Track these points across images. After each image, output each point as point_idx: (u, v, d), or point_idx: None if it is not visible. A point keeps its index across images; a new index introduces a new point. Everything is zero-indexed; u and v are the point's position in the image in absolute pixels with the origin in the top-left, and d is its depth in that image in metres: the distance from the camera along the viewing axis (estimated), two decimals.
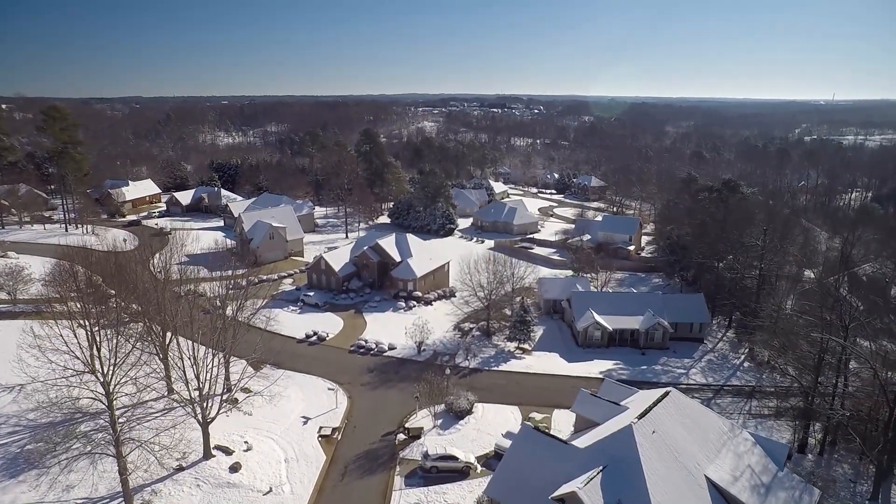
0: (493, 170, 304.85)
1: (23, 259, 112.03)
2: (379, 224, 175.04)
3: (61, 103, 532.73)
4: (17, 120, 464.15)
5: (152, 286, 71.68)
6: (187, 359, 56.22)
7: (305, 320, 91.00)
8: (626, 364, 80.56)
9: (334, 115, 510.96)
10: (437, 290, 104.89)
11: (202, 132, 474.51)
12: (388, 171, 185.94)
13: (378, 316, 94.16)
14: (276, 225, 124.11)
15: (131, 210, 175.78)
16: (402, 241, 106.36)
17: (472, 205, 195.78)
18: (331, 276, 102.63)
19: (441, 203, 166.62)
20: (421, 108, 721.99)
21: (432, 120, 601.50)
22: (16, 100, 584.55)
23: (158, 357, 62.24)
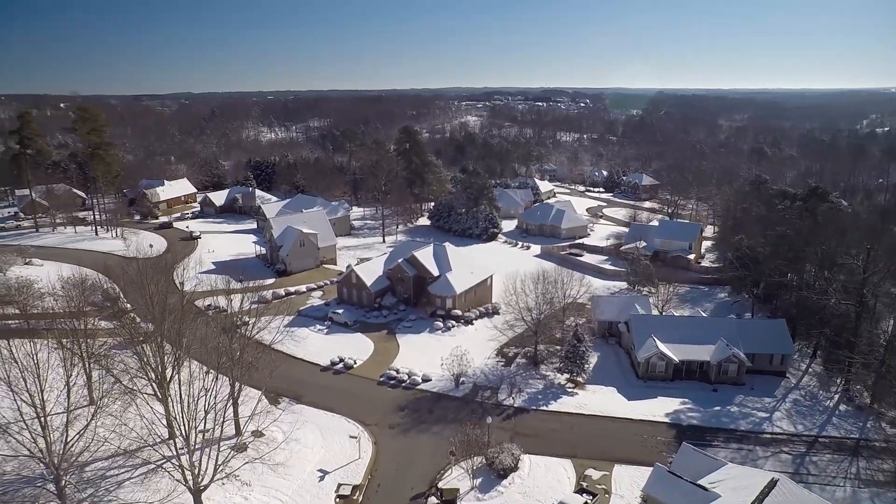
0: (538, 167, 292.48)
1: (46, 266, 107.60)
2: (418, 226, 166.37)
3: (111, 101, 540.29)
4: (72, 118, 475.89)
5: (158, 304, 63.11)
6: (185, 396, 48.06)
7: (332, 343, 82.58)
8: (696, 403, 69.30)
9: (376, 109, 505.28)
10: (478, 307, 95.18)
11: (245, 128, 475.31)
12: (429, 170, 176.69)
13: (412, 339, 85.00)
14: (307, 231, 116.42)
15: (166, 210, 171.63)
16: (440, 254, 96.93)
17: (516, 205, 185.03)
18: (362, 290, 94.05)
19: (484, 205, 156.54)
20: (464, 102, 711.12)
21: (476, 114, 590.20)
22: (72, 98, 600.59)
23: (156, 396, 54.48)
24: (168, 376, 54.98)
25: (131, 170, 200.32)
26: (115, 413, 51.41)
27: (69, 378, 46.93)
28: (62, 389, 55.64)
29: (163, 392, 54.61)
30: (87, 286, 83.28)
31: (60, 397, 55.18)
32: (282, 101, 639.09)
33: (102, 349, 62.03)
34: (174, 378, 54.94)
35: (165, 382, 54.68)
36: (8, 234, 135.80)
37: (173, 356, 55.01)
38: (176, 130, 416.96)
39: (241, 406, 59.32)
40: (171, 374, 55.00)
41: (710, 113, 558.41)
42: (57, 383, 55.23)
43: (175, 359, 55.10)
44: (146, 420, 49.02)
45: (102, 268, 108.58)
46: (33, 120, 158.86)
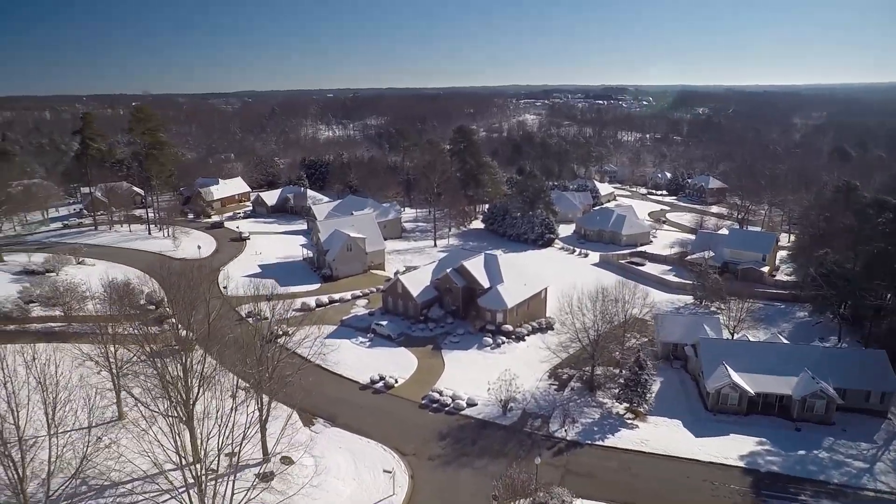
0: (598, 168, 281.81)
1: (98, 266, 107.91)
2: (471, 230, 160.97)
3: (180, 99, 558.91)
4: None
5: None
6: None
7: (373, 358, 78.08)
8: (777, 445, 61.01)
9: (434, 107, 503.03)
10: (531, 321, 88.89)
11: (304, 126, 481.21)
12: (484, 171, 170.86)
13: (459, 356, 79.54)
14: (355, 235, 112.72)
15: (219, 209, 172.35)
16: (491, 264, 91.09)
17: (574, 209, 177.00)
18: (408, 301, 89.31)
19: (540, 209, 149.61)
20: (523, 100, 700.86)
21: (534, 112, 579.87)
22: (143, 97, 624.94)
23: (181, 420, 50.99)
24: (194, 395, 51.48)
25: (189, 168, 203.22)
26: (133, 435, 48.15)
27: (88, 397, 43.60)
28: (91, 400, 53.83)
29: (187, 412, 51.20)
30: (130, 290, 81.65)
31: (86, 410, 53.54)
32: (341, 99, 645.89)
33: (133, 359, 59.12)
34: (200, 397, 51.61)
35: (190, 403, 51.22)
36: (69, 232, 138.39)
37: (199, 376, 51.37)
38: (237, 128, 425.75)
39: (271, 423, 55.42)
40: (197, 394, 51.52)
41: (782, 111, 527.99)
42: (79, 394, 53.54)
43: (201, 377, 51.51)
44: (159, 444, 45.33)
45: (151, 269, 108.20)
46: (95, 120, 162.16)
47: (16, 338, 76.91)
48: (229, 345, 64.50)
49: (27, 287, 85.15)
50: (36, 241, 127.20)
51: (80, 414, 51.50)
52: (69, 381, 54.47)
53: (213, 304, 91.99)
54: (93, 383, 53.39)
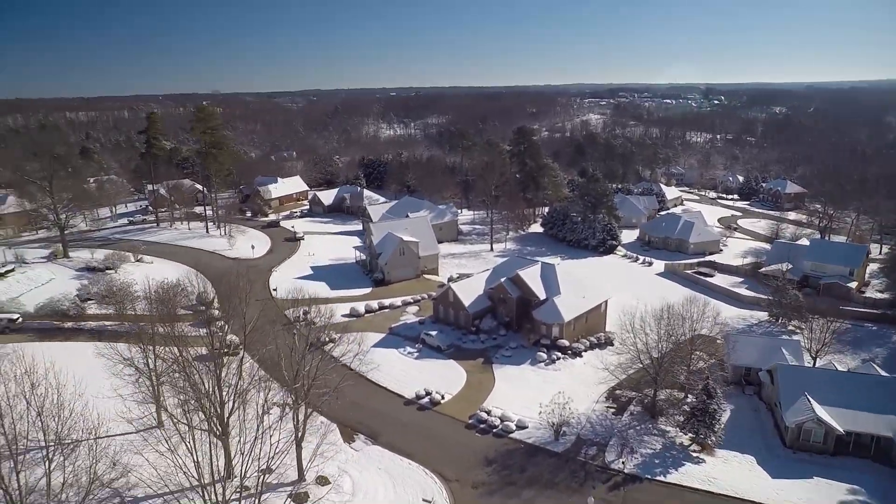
0: (664, 170, 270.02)
1: (155, 264, 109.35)
2: (530, 234, 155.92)
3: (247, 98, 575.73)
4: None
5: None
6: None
7: (421, 370, 74.71)
8: (874, 495, 53.43)
9: (495, 106, 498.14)
10: (588, 336, 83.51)
11: (366, 124, 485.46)
12: (544, 173, 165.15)
13: (511, 371, 75.15)
14: (408, 239, 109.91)
15: (277, 208, 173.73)
16: (549, 274, 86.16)
17: (638, 214, 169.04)
18: (459, 311, 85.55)
19: (602, 214, 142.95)
20: (587, 99, 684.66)
21: (599, 112, 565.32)
22: (213, 96, 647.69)
23: (214, 433, 48.85)
24: (228, 409, 49.36)
25: (250, 166, 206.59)
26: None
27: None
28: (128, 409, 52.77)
29: (221, 425, 49.14)
30: (180, 290, 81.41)
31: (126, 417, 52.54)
32: (403, 98, 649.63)
33: (171, 366, 57.74)
34: (236, 410, 49.44)
35: (225, 416, 49.12)
36: (133, 229, 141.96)
37: (234, 388, 49.16)
38: (300, 126, 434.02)
39: (310, 435, 52.89)
40: (232, 407, 49.36)
41: (872, 108, 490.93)
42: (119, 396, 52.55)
43: (235, 390, 49.30)
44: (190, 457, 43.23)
45: (205, 268, 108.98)
46: (159, 120, 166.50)
47: (72, 335, 78.12)
48: (271, 353, 62.51)
49: (85, 285, 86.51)
50: (102, 237, 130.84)
51: (112, 423, 50.88)
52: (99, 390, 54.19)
53: (260, 307, 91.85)
54: (126, 394, 51.94)
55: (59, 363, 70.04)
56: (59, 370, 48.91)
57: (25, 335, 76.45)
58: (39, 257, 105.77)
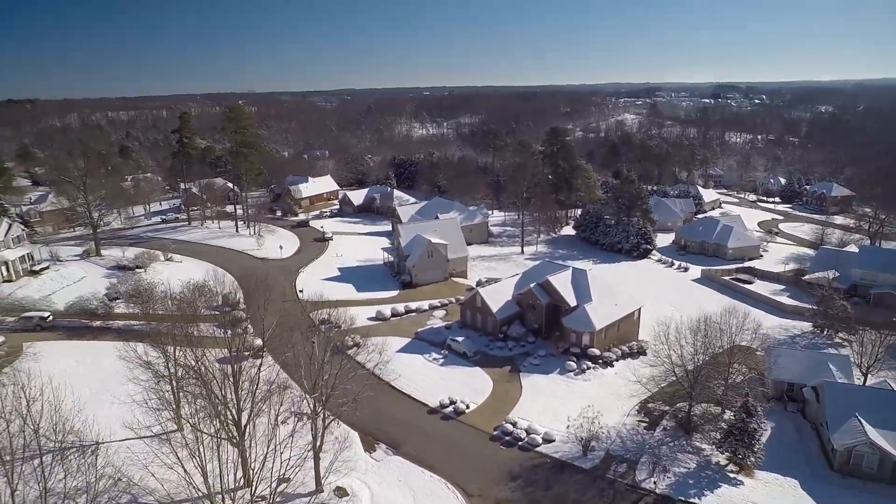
0: (702, 172, 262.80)
1: (184, 263, 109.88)
2: (562, 236, 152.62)
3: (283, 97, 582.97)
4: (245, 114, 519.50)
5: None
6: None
7: (446, 377, 72.80)
8: None
9: (529, 106, 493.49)
10: (620, 345, 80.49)
11: (398, 124, 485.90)
12: (577, 175, 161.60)
13: (539, 381, 72.67)
14: (436, 241, 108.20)
15: (307, 207, 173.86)
16: (579, 280, 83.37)
17: (674, 217, 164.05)
18: (487, 316, 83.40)
19: (637, 217, 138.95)
20: (622, 98, 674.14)
21: (634, 112, 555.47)
22: (249, 95, 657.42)
23: (231, 441, 47.71)
24: (247, 417, 48.21)
25: (282, 165, 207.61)
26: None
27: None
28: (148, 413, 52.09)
29: (238, 433, 48.04)
30: (205, 291, 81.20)
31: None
32: (436, 98, 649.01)
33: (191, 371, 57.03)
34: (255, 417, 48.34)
35: (241, 424, 47.99)
36: (164, 227, 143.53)
37: (251, 395, 48.00)
38: (334, 125, 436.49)
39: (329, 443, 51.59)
40: (251, 414, 48.21)
41: None
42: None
43: (253, 397, 48.16)
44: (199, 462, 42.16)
45: (233, 268, 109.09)
46: (191, 120, 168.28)
47: (99, 334, 78.48)
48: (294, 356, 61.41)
49: (114, 284, 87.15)
50: (135, 235, 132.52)
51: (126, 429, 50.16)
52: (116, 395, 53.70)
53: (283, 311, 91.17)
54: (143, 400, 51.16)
55: (83, 363, 71.16)
56: (62, 384, 48.50)
57: (55, 333, 77.20)
58: (73, 255, 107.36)
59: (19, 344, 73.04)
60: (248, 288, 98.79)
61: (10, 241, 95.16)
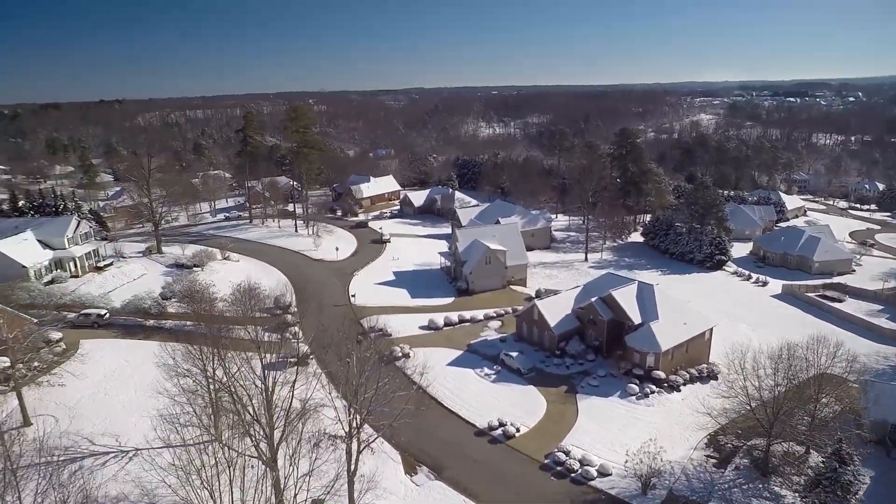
0: (784, 176, 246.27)
1: (241, 263, 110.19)
2: (629, 243, 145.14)
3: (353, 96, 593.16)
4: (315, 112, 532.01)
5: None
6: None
7: (497, 395, 68.47)
8: None
9: (599, 106, 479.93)
10: (689, 367, 73.83)
11: (465, 123, 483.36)
12: (647, 179, 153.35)
13: (597, 404, 67.26)
14: (494, 247, 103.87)
15: (368, 207, 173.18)
16: (646, 295, 77.15)
17: (753, 225, 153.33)
18: (544, 330, 78.51)
19: (711, 225, 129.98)
20: (699, 98, 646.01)
21: (711, 112, 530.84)
22: (320, 94, 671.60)
23: (262, 460, 45.18)
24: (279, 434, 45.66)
25: (346, 164, 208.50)
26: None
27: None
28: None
29: (270, 452, 45.52)
30: (254, 294, 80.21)
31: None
32: (504, 97, 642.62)
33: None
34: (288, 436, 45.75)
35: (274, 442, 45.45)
36: (226, 225, 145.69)
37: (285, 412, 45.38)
38: (400, 125, 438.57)
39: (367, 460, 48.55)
40: (284, 433, 45.64)
41: None
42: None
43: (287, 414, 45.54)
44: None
45: (288, 268, 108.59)
46: (255, 119, 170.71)
47: (151, 333, 78.63)
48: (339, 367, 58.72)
49: (170, 283, 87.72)
50: (198, 232, 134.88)
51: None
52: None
53: (336, 314, 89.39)
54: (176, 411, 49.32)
55: (132, 363, 71.12)
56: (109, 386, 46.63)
57: (111, 331, 78.04)
58: (136, 252, 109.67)
59: (76, 341, 73.98)
60: (301, 290, 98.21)
61: (78, 237, 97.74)
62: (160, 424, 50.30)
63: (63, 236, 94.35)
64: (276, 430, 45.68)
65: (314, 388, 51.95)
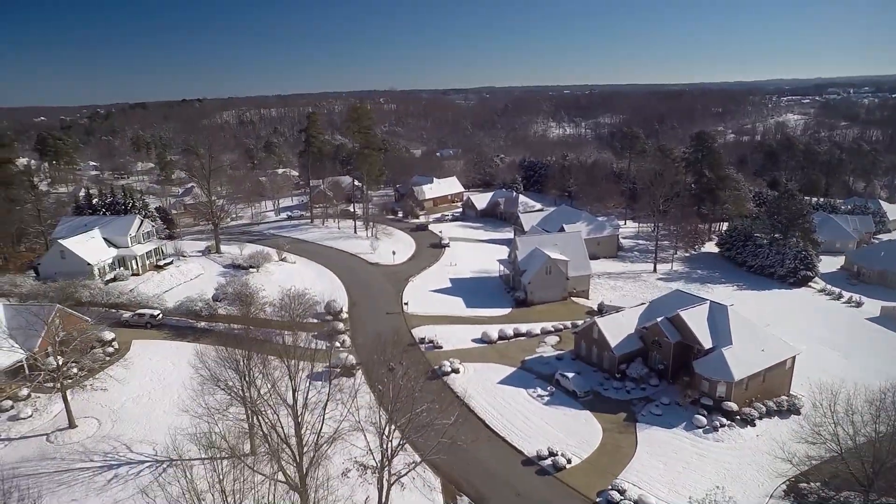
0: (885, 182, 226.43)
1: (297, 264, 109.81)
2: (702, 254, 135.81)
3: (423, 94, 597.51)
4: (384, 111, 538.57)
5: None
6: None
7: (549, 420, 63.67)
8: None
9: (676, 106, 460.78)
10: (766, 399, 66.51)
11: (535, 123, 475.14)
12: (725, 186, 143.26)
13: (658, 436, 61.33)
14: (556, 257, 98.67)
15: (431, 209, 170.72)
16: (718, 317, 70.25)
17: (845, 238, 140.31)
18: (603, 351, 73.03)
19: (796, 238, 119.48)
20: (785, 97, 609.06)
21: (799, 112, 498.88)
22: (390, 92, 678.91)
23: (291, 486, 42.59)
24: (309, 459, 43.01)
25: (410, 164, 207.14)
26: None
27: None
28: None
29: (300, 477, 42.94)
30: (304, 300, 78.78)
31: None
32: (576, 96, 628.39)
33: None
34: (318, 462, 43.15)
35: (304, 467, 42.83)
36: (287, 225, 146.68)
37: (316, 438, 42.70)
38: (469, 124, 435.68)
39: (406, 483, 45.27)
40: (313, 457, 42.97)
41: None
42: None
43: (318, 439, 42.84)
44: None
45: (343, 272, 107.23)
46: (318, 119, 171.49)
47: (201, 336, 78.32)
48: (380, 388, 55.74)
49: (223, 284, 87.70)
50: (259, 231, 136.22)
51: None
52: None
53: (388, 322, 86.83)
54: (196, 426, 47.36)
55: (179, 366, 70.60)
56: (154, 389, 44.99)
57: (162, 332, 78.47)
58: (196, 251, 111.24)
59: (129, 340, 74.68)
60: (354, 295, 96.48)
61: (140, 236, 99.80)
62: (193, 436, 48.87)
63: (126, 235, 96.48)
64: (306, 454, 43.20)
65: (350, 406, 49.06)
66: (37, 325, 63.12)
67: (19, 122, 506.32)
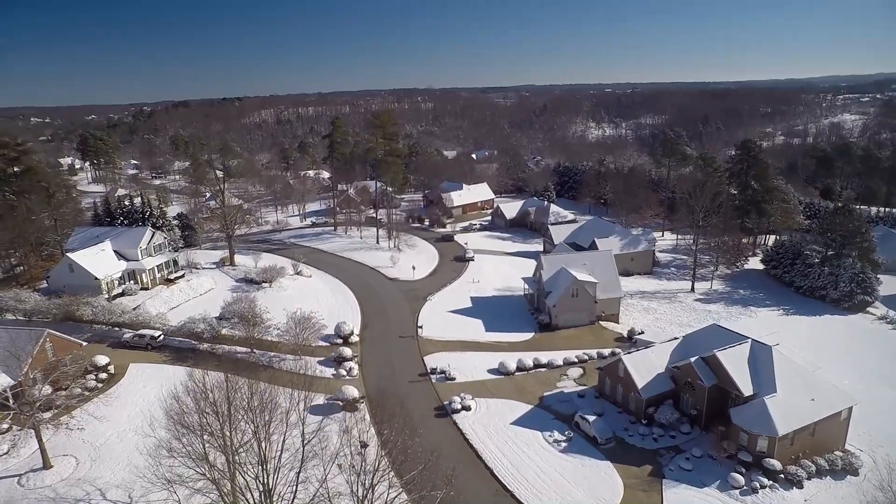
0: None
1: (313, 279, 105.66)
2: (746, 271, 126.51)
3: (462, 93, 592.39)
4: (422, 110, 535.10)
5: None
6: None
7: (563, 471, 57.28)
8: None
9: (721, 105, 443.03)
10: (816, 455, 58.75)
11: (574, 123, 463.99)
12: (772, 198, 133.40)
13: (688, 496, 54.29)
14: (583, 279, 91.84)
15: (459, 217, 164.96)
16: (760, 360, 62.57)
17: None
18: (630, 391, 66.25)
19: (852, 257, 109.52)
20: (842, 95, 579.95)
21: (857, 112, 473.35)
22: (428, 91, 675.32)
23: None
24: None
25: (442, 168, 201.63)
26: None
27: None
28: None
29: None
30: (310, 324, 74.33)
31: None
32: (617, 95, 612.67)
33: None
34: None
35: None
36: (309, 233, 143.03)
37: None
38: (506, 124, 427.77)
39: None
40: None
41: None
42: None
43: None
44: None
45: (359, 288, 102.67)
46: (342, 124, 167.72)
47: (201, 360, 74.24)
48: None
49: (229, 303, 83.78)
50: (279, 240, 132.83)
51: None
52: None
53: (400, 347, 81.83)
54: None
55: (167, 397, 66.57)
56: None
57: (162, 355, 74.85)
58: (210, 262, 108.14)
59: (126, 364, 71.40)
60: (367, 314, 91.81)
61: (151, 248, 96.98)
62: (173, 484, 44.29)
63: (137, 247, 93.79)
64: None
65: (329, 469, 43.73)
66: (26, 349, 60.13)
67: (70, 122, 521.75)
